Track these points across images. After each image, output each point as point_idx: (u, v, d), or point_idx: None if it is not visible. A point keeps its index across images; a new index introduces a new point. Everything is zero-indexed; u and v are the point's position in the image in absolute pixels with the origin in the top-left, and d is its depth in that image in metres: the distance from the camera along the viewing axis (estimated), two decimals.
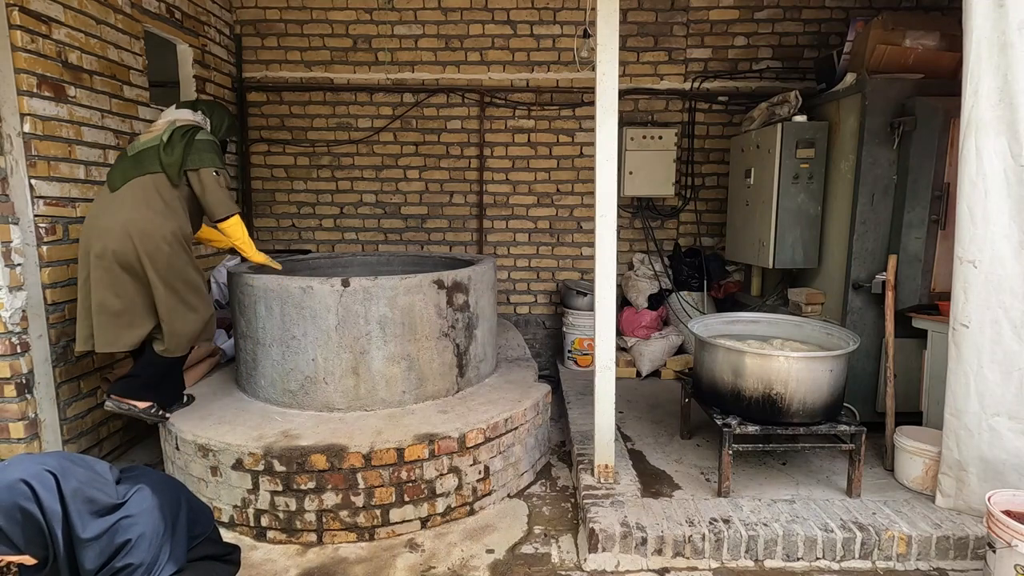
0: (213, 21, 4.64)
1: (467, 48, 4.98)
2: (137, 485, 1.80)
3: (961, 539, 2.59)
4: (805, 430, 2.93)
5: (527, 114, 5.06)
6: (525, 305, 5.34)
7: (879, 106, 3.38)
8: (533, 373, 3.85)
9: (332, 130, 5.11)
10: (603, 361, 2.92)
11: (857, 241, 3.51)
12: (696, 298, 5.01)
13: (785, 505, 2.82)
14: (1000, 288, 2.55)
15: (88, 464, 1.78)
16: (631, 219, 5.17)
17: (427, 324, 3.23)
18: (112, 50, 3.49)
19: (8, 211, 2.88)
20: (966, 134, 2.57)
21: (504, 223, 5.21)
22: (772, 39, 4.94)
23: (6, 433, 2.92)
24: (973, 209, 2.58)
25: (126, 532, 1.69)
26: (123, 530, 1.69)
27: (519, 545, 2.79)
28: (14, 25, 2.83)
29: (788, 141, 3.79)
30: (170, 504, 1.84)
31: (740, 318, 3.59)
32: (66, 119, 3.14)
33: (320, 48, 5.00)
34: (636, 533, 2.61)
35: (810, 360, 2.85)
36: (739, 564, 2.61)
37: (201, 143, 3.04)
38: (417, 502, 2.86)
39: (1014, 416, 2.59)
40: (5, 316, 2.85)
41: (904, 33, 3.55)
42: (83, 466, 1.75)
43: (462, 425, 2.97)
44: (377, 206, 5.21)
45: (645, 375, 4.82)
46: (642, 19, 4.92)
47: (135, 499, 1.76)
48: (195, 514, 1.97)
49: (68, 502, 1.65)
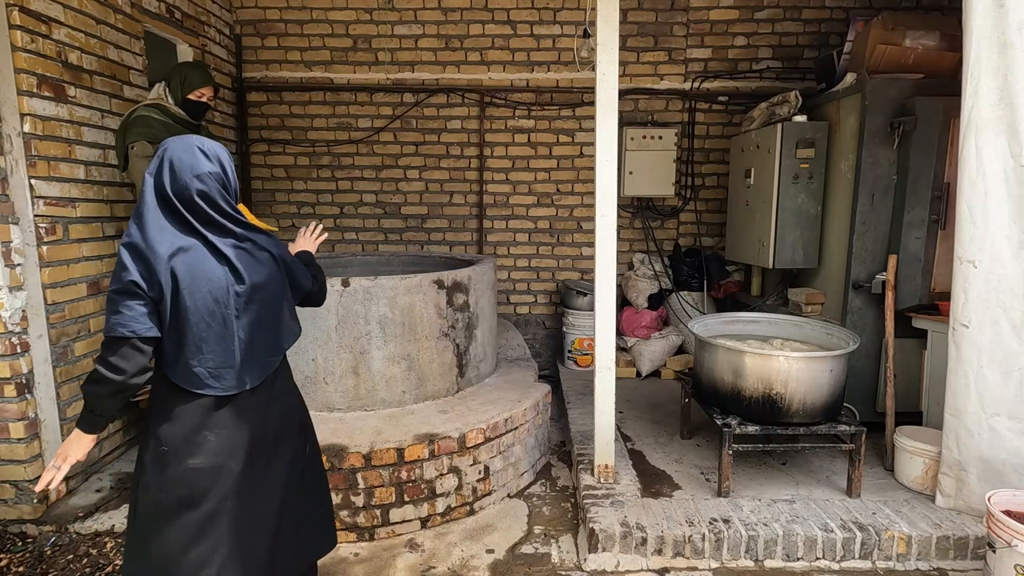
0: (213, 21, 4.63)
1: (467, 48, 4.98)
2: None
3: (961, 539, 2.59)
4: (805, 430, 2.93)
5: (527, 114, 5.06)
6: (525, 305, 5.34)
7: (879, 106, 3.38)
8: (533, 373, 3.85)
9: (332, 130, 5.11)
10: (603, 361, 2.92)
11: (857, 241, 3.51)
12: (696, 298, 5.01)
13: (785, 505, 2.82)
14: (1000, 288, 2.56)
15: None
16: (631, 219, 5.17)
17: (427, 324, 3.23)
18: (112, 50, 3.48)
19: (8, 211, 2.87)
20: (966, 134, 2.57)
21: (504, 223, 5.21)
22: (772, 39, 4.94)
23: (6, 433, 2.92)
24: (973, 209, 2.58)
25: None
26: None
27: (519, 545, 2.79)
28: (14, 25, 2.83)
29: (788, 141, 3.79)
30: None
31: (740, 318, 3.59)
32: (66, 119, 3.14)
33: (320, 48, 4.99)
34: (636, 533, 2.61)
35: (810, 360, 2.85)
36: (739, 564, 2.61)
37: (131, 120, 3.18)
38: (417, 502, 2.86)
39: (1014, 416, 2.59)
40: (5, 316, 2.84)
41: (904, 33, 3.55)
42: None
43: (462, 425, 2.97)
44: (377, 206, 5.21)
45: (645, 375, 4.82)
46: (642, 19, 4.92)
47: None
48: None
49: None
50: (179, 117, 3.33)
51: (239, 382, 1.72)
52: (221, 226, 1.69)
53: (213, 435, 1.70)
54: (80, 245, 3.24)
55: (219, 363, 1.68)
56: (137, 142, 3.12)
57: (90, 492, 3.20)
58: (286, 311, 1.86)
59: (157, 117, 3.22)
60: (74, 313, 3.19)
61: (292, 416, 1.92)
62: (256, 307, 1.74)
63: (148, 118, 3.19)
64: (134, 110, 3.23)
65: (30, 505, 2.97)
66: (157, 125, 3.19)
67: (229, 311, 1.68)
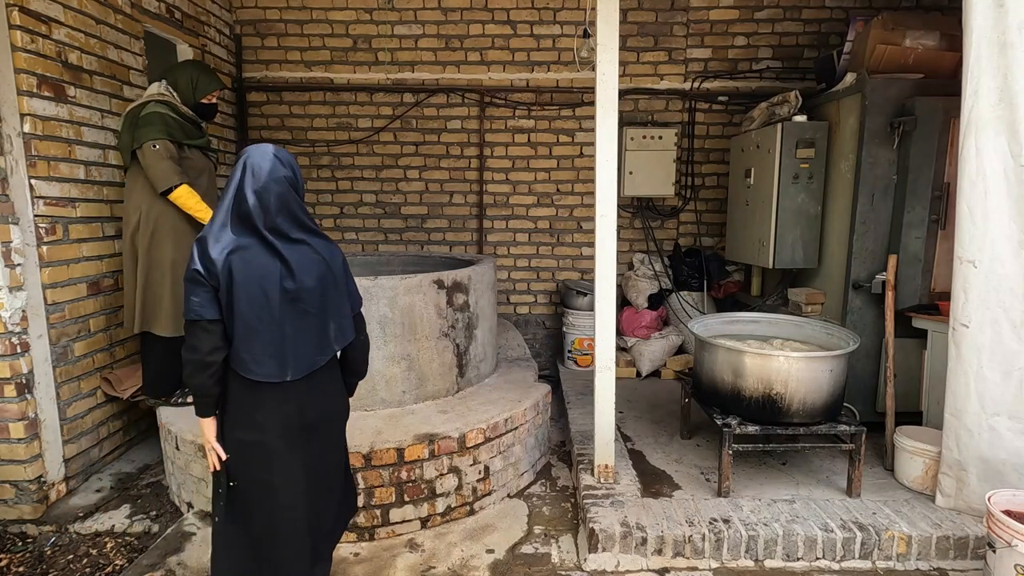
0: (213, 21, 4.64)
1: (467, 48, 4.98)
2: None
3: (961, 539, 2.59)
4: (805, 430, 2.93)
5: (527, 114, 5.06)
6: (525, 305, 5.34)
7: (879, 106, 3.38)
8: (533, 373, 3.85)
9: (332, 130, 5.11)
10: (603, 361, 2.92)
11: (857, 241, 3.51)
12: (696, 298, 5.01)
13: (785, 505, 2.82)
14: (1000, 288, 2.55)
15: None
16: (631, 219, 5.17)
17: (427, 324, 3.23)
18: (112, 50, 3.48)
19: (8, 211, 2.87)
20: (966, 134, 2.57)
21: (504, 223, 5.21)
22: (772, 39, 4.93)
23: (6, 433, 2.92)
24: (973, 209, 2.58)
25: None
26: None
27: (519, 545, 2.79)
28: (14, 25, 2.83)
29: (788, 141, 3.79)
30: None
31: (740, 318, 3.59)
32: (66, 119, 3.14)
33: (320, 48, 4.99)
34: (636, 533, 2.61)
35: (810, 360, 2.85)
36: (739, 564, 2.61)
37: (145, 118, 3.11)
38: (417, 502, 2.86)
39: (1014, 416, 2.59)
40: (5, 316, 2.85)
41: (904, 33, 3.54)
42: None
43: (462, 425, 2.97)
44: (377, 206, 5.21)
45: (645, 375, 4.82)
46: (642, 19, 4.92)
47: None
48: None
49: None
50: (188, 117, 3.31)
51: (281, 371, 1.86)
52: (281, 228, 1.85)
53: (259, 414, 1.88)
54: (80, 245, 3.24)
55: (263, 351, 1.84)
56: (160, 140, 3.08)
57: (90, 492, 3.20)
58: (339, 314, 1.97)
59: (172, 115, 3.20)
60: (74, 313, 3.19)
61: (329, 416, 2.04)
62: (305, 305, 1.88)
63: (165, 116, 3.15)
64: (143, 106, 3.16)
65: (30, 505, 2.97)
66: (173, 124, 3.18)
67: (276, 304, 1.83)
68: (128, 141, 3.15)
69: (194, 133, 3.33)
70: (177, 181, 3.10)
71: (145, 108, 3.15)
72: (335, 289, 1.95)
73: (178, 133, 3.18)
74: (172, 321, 3.17)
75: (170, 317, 3.18)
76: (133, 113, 3.17)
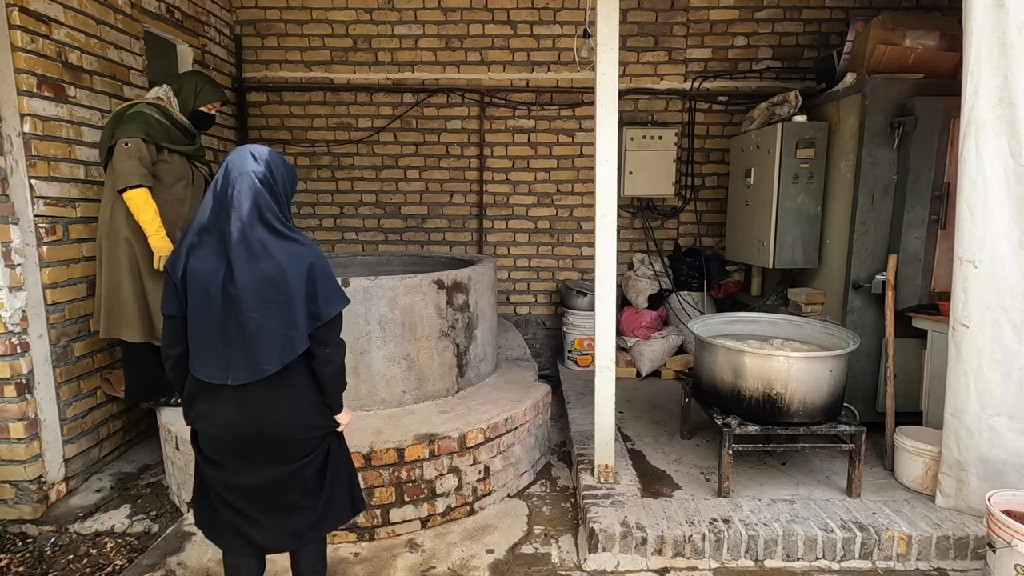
0: (213, 21, 4.64)
1: (467, 48, 4.98)
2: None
3: (961, 539, 2.59)
4: (805, 430, 2.93)
5: (527, 114, 5.06)
6: (525, 305, 5.34)
7: (879, 106, 3.38)
8: (533, 373, 3.85)
9: (332, 130, 5.11)
10: (603, 361, 2.92)
11: (857, 241, 3.51)
12: (696, 298, 5.01)
13: (785, 505, 2.82)
14: (1000, 288, 2.55)
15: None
16: (631, 219, 5.17)
17: (427, 324, 3.23)
18: (112, 50, 3.48)
19: (8, 211, 2.87)
20: (966, 134, 2.57)
21: (504, 223, 5.21)
22: (772, 39, 4.93)
23: (6, 433, 2.92)
24: (973, 209, 2.58)
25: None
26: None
27: (519, 545, 2.79)
28: (14, 25, 2.83)
29: (788, 141, 3.79)
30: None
31: (740, 318, 3.59)
32: (66, 119, 3.14)
33: (320, 48, 4.99)
34: (636, 533, 2.61)
35: (810, 360, 2.85)
36: (739, 564, 2.62)
37: (127, 116, 3.02)
38: (417, 502, 2.86)
39: (1014, 416, 2.59)
40: (5, 316, 2.85)
41: (904, 33, 3.55)
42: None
43: (462, 425, 2.97)
44: (377, 206, 5.21)
45: (645, 375, 4.82)
46: (642, 19, 4.92)
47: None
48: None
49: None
50: (180, 123, 3.21)
51: (222, 374, 1.82)
52: (242, 228, 1.78)
53: (205, 406, 1.89)
54: (80, 245, 3.24)
55: (208, 352, 1.82)
56: (132, 139, 2.94)
57: (90, 492, 3.20)
58: (286, 324, 1.80)
59: (158, 118, 3.08)
60: (74, 313, 3.19)
61: (271, 429, 1.88)
62: (245, 310, 1.76)
63: (149, 116, 3.03)
64: (132, 104, 3.09)
65: (30, 505, 2.97)
66: (157, 126, 3.06)
67: (218, 306, 1.79)
68: (107, 138, 3.04)
69: (181, 139, 3.21)
70: (135, 182, 2.93)
71: (133, 107, 3.07)
72: (285, 297, 1.79)
73: (160, 136, 3.07)
74: (139, 327, 3.06)
75: (136, 323, 3.06)
76: (120, 111, 3.09)
